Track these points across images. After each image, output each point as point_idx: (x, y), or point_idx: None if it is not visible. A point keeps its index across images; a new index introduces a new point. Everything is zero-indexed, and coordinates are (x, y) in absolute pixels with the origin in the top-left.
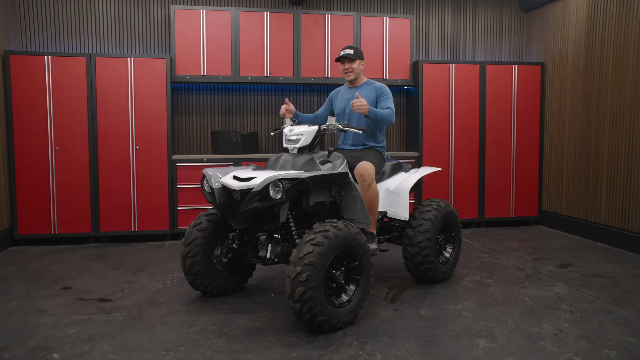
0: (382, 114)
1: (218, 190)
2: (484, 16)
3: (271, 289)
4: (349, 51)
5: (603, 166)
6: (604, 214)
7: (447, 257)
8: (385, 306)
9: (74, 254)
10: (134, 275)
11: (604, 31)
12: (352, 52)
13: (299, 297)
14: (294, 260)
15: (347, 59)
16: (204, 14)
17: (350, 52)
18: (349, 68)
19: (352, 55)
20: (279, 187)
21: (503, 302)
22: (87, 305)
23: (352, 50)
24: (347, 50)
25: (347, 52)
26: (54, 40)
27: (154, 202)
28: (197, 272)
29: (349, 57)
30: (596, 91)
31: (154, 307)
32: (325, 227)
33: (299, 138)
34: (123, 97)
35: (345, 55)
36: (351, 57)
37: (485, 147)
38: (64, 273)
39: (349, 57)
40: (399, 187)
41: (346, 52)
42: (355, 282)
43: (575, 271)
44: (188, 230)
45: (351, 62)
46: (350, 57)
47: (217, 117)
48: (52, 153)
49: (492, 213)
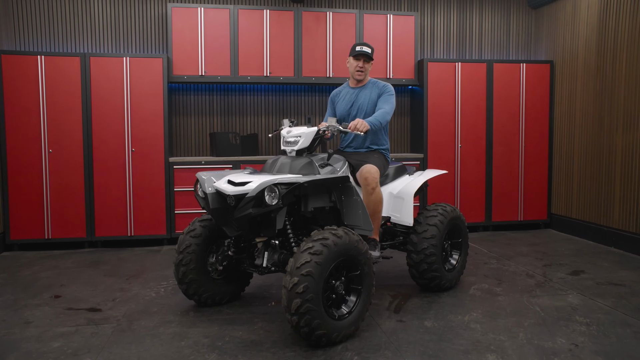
0: (379, 120)
1: (211, 196)
2: (490, 13)
3: (269, 298)
4: (367, 49)
5: (616, 168)
6: (617, 218)
7: (453, 264)
8: (388, 317)
9: (68, 260)
10: (127, 282)
11: (617, 27)
12: (371, 51)
13: (295, 309)
14: (290, 270)
15: (365, 56)
16: (202, 12)
17: (369, 51)
18: (363, 67)
19: (370, 54)
20: (275, 192)
21: (513, 312)
22: (76, 316)
23: (370, 50)
24: (365, 48)
25: (366, 50)
26: (47, 39)
27: (151, 206)
28: (190, 281)
29: (367, 55)
30: (609, 90)
31: (145, 318)
32: (324, 235)
33: (297, 140)
34: (119, 98)
35: (364, 52)
36: (370, 55)
37: (493, 148)
38: (55, 280)
39: (368, 55)
40: (403, 191)
41: (365, 50)
42: (356, 293)
43: (589, 279)
44: (181, 237)
45: (367, 61)
46: (369, 56)
47: (215, 118)
48: (45, 155)
49: (499, 216)
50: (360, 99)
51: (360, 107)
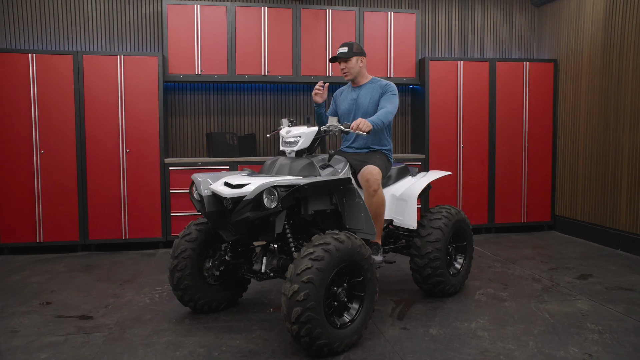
0: (381, 119)
1: (207, 198)
2: (492, 11)
3: (268, 304)
4: (342, 49)
5: (623, 169)
6: (624, 220)
7: (458, 268)
8: (392, 324)
9: (59, 264)
10: (120, 288)
11: (624, 24)
12: (346, 49)
13: (296, 318)
14: (290, 277)
15: (340, 59)
16: (198, 9)
17: (343, 51)
18: (344, 68)
19: (345, 54)
20: (273, 194)
21: (521, 319)
22: (66, 324)
23: (345, 48)
24: (340, 49)
25: (339, 51)
26: (39, 36)
27: (146, 208)
28: (186, 287)
29: (342, 57)
30: (615, 89)
31: (138, 326)
32: (325, 240)
33: (296, 140)
34: (112, 97)
35: (338, 55)
36: (344, 56)
37: (496, 148)
38: (46, 286)
39: (342, 57)
40: (406, 193)
41: (339, 52)
42: (359, 300)
43: (597, 283)
44: (176, 241)
45: (346, 61)
46: (344, 56)
47: (212, 118)
48: (37, 156)
49: (502, 218)
50: (361, 98)
51: (362, 106)
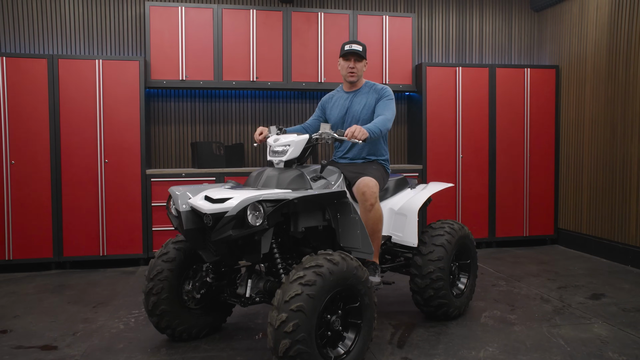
0: (379, 127)
1: (186, 214)
2: (491, 15)
3: (254, 329)
4: (357, 47)
5: (632, 180)
6: (635, 234)
7: (461, 288)
8: (391, 353)
9: (29, 285)
10: (93, 311)
11: (630, 28)
12: (361, 48)
13: (284, 352)
14: (278, 304)
15: (355, 54)
16: (183, 12)
17: (359, 49)
18: (354, 67)
19: (361, 52)
20: (259, 210)
21: (534, 346)
22: (24, 357)
23: (361, 47)
24: (355, 46)
25: (355, 48)
26: (10, 39)
27: (126, 223)
28: (162, 313)
29: (357, 54)
30: (622, 96)
31: (108, 357)
32: (317, 262)
33: (285, 149)
34: (90, 104)
35: (353, 50)
36: (361, 54)
37: (496, 158)
38: (9, 310)
39: (358, 54)
40: (406, 207)
41: (354, 48)
42: (355, 328)
43: (612, 303)
44: (152, 261)
45: (359, 60)
46: (360, 54)
47: (197, 127)
48: (7, 167)
49: (504, 232)
50: (355, 104)
51: (356, 113)
